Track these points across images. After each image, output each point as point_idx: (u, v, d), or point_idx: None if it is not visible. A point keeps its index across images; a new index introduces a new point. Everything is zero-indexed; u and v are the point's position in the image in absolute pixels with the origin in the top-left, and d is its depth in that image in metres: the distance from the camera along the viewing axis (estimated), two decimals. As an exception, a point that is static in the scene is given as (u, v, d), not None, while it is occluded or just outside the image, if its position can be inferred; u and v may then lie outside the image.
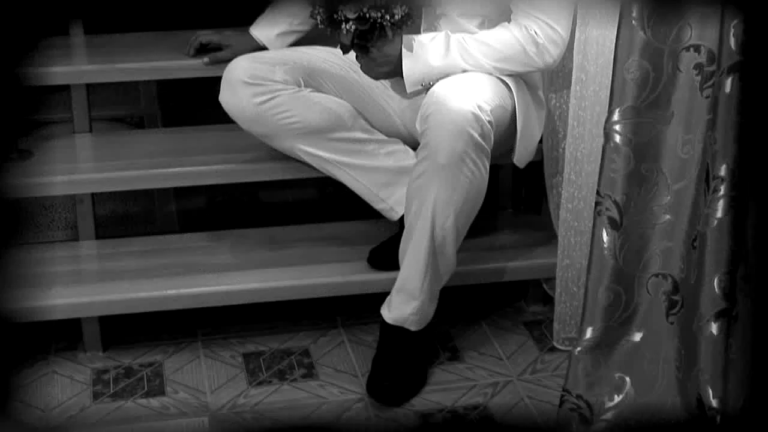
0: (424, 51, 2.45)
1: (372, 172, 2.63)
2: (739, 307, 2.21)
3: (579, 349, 2.39)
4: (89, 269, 2.73)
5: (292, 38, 2.76)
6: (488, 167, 2.43)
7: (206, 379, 2.60)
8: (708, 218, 2.18)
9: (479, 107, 2.35)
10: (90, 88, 2.92)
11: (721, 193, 2.16)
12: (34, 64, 2.81)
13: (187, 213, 3.25)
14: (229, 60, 2.62)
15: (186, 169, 2.73)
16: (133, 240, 2.87)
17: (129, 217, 3.22)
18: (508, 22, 2.48)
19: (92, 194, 2.81)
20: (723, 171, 2.15)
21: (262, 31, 2.75)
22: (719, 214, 2.17)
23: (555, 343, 2.72)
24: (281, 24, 2.74)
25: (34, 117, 3.45)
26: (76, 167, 2.76)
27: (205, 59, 2.77)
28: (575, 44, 2.48)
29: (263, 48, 2.74)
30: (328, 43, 2.64)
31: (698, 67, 2.20)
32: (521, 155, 2.58)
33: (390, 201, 2.64)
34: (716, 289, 2.20)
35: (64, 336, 2.72)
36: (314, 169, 2.66)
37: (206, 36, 2.81)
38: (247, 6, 2.86)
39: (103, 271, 2.70)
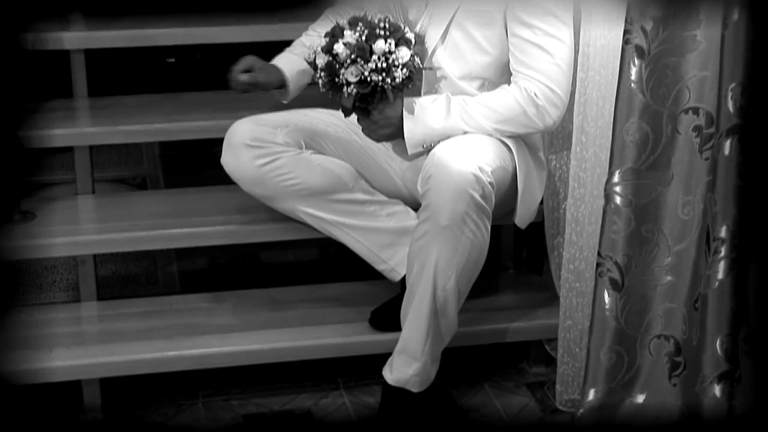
0: (425, 113, 2.47)
1: (373, 233, 2.63)
2: (741, 369, 2.20)
3: (582, 410, 2.38)
4: (90, 330, 2.73)
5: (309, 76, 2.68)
6: (489, 228, 2.43)
7: (207, 441, 2.59)
8: (709, 280, 2.19)
9: (480, 168, 2.36)
10: (93, 149, 2.94)
11: (722, 254, 2.17)
12: (37, 126, 2.84)
13: (189, 274, 3.25)
14: (263, 84, 2.61)
15: (188, 230, 2.73)
16: (135, 301, 2.86)
17: (130, 277, 3.22)
18: (508, 84, 2.50)
19: (94, 255, 2.81)
20: (723, 233, 2.16)
21: (283, 63, 2.69)
22: (720, 275, 2.18)
23: (558, 405, 2.70)
24: (300, 63, 2.70)
25: (36, 178, 3.47)
26: (78, 228, 2.77)
27: (245, 77, 2.63)
28: (575, 106, 2.50)
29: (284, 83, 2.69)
30: (329, 106, 2.66)
31: (697, 129, 2.22)
32: (522, 216, 2.59)
33: (391, 262, 2.64)
34: (719, 351, 2.20)
35: (64, 398, 2.71)
36: (315, 230, 2.66)
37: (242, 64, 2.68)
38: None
39: (104, 332, 2.70)
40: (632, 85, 2.23)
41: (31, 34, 2.93)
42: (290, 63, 2.68)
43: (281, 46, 2.84)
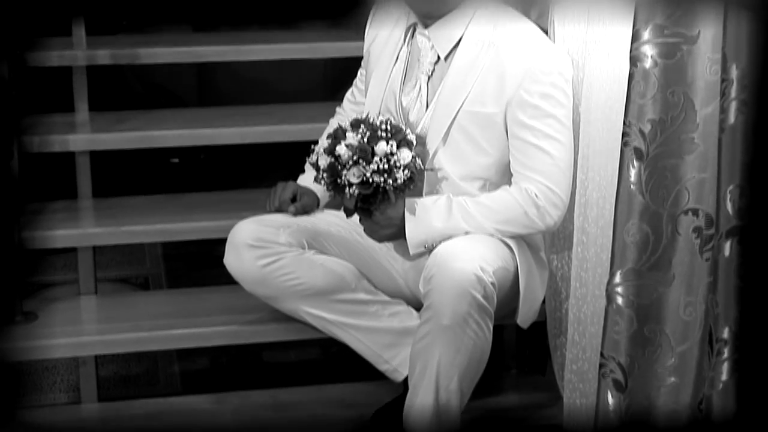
0: (427, 214, 2.49)
1: (376, 334, 2.63)
2: (748, 472, 2.19)
3: None
4: (91, 435, 2.72)
5: None
6: (492, 328, 2.43)
7: None
8: (713, 381, 2.18)
9: (482, 269, 2.37)
10: (96, 248, 2.95)
11: (725, 356, 2.17)
12: (41, 227, 2.86)
13: (190, 374, 3.23)
14: (310, 209, 2.66)
15: (190, 331, 2.73)
16: (135, 403, 2.85)
17: (131, 378, 3.20)
18: (509, 185, 2.53)
19: (95, 356, 2.80)
20: (726, 334, 2.17)
21: (317, 187, 2.70)
22: (724, 377, 2.17)
23: (563, 508, 2.67)
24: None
25: (38, 278, 3.47)
26: (80, 329, 2.77)
27: (291, 209, 2.68)
28: (575, 206, 2.52)
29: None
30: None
31: (697, 230, 2.23)
32: (524, 316, 2.59)
33: (394, 362, 2.63)
34: (724, 454, 2.18)
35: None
36: (318, 330, 2.66)
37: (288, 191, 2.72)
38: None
39: (105, 436, 2.68)
40: (632, 186, 2.25)
41: (36, 136, 2.97)
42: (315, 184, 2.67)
43: (282, 147, 2.88)
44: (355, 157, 2.43)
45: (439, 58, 2.56)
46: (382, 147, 2.43)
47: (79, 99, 3.16)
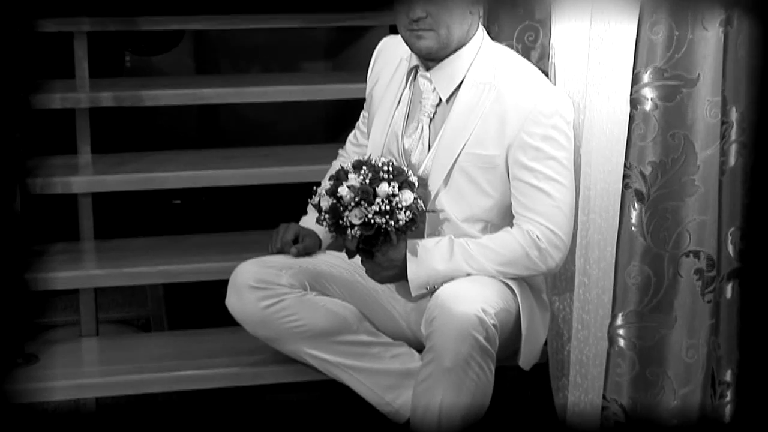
0: (429, 255, 2.49)
1: (377, 375, 2.62)
2: None
3: None
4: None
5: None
6: (494, 370, 2.43)
7: None
8: (716, 424, 2.17)
9: (484, 311, 2.37)
10: (97, 289, 2.95)
11: (728, 398, 2.16)
12: (43, 269, 2.86)
13: (192, 416, 3.22)
14: (311, 250, 2.66)
15: (191, 373, 2.72)
16: (136, 444, 2.84)
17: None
18: (511, 227, 2.53)
19: (96, 397, 2.80)
20: (728, 376, 2.16)
21: (319, 228, 2.71)
22: (727, 419, 2.17)
23: None
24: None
25: (40, 320, 3.47)
26: (81, 372, 2.76)
27: (293, 250, 2.69)
28: (577, 248, 2.52)
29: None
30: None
31: (699, 272, 2.24)
32: (526, 358, 2.58)
33: (396, 404, 2.63)
34: (728, 497, 2.17)
35: None
36: (320, 372, 2.65)
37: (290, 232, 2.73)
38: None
39: (105, 478, 2.67)
40: (633, 228, 2.26)
41: (39, 178, 2.98)
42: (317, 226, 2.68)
43: (284, 189, 2.89)
44: (357, 199, 2.43)
45: (440, 100, 2.57)
46: (383, 188, 2.43)
47: (82, 141, 3.18)
